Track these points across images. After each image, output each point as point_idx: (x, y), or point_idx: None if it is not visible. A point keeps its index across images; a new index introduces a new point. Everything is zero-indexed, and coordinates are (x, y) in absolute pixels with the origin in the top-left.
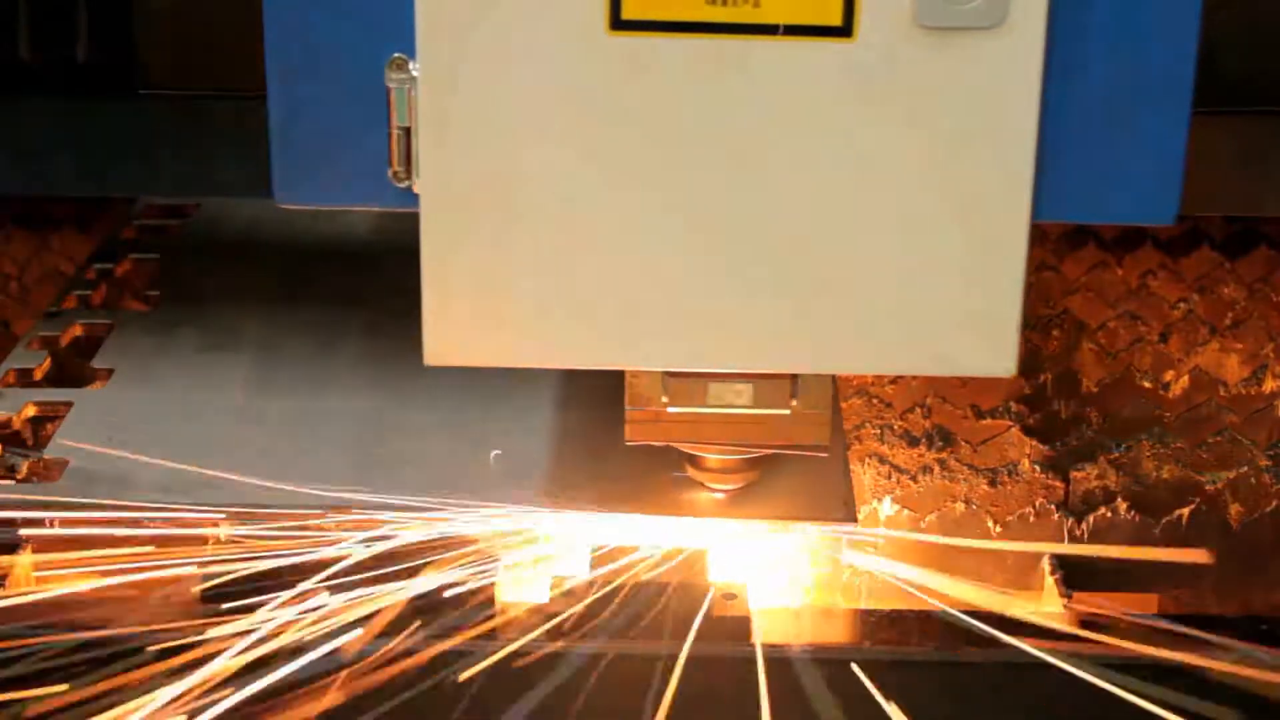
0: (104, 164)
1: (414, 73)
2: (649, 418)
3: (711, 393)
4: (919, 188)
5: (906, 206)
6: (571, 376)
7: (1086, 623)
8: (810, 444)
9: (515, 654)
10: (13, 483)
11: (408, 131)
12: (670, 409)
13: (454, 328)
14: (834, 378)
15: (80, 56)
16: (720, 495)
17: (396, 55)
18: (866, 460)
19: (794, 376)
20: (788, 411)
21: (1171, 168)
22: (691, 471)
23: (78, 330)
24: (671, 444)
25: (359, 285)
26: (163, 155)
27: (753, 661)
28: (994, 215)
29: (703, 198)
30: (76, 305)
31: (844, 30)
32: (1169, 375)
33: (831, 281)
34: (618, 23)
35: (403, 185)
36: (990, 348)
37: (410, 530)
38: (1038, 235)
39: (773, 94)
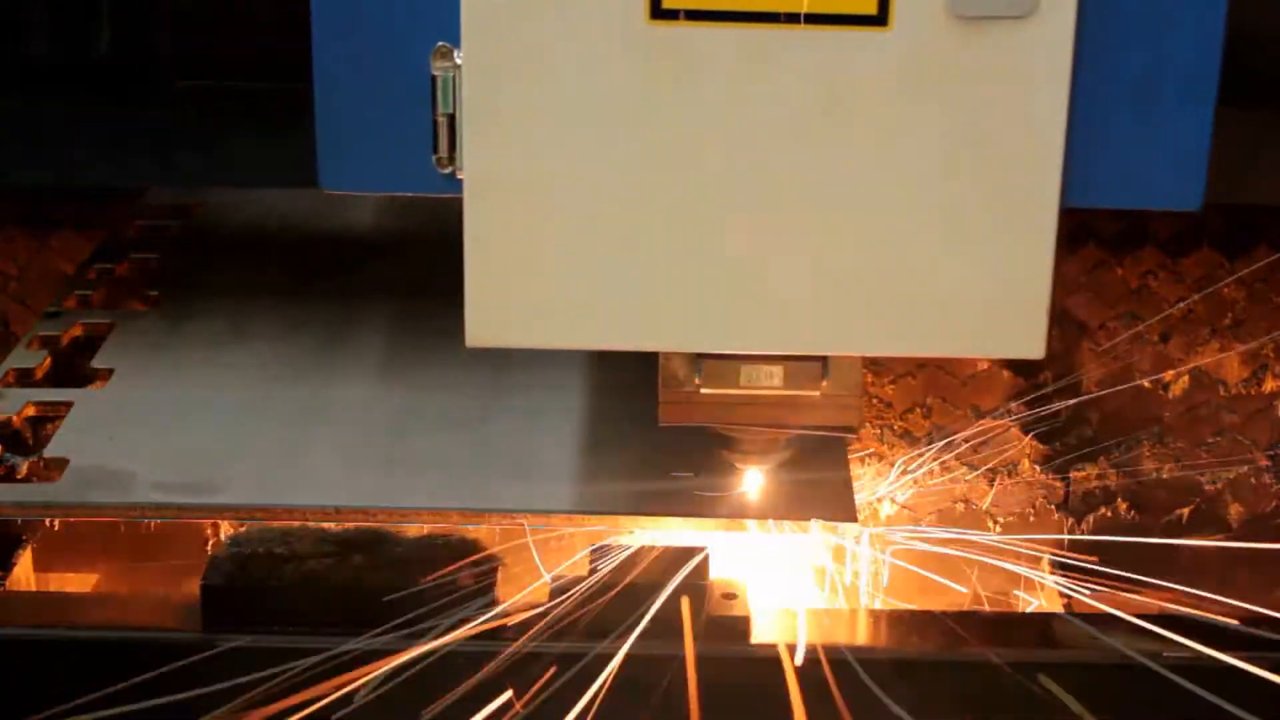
0: (123, 156)
1: (458, 61)
2: (682, 399)
3: (743, 375)
4: (952, 174)
5: (939, 192)
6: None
7: (1088, 623)
8: (840, 425)
9: (513, 654)
10: (13, 483)
11: (451, 119)
12: (703, 391)
13: (494, 310)
14: (863, 360)
15: (98, 51)
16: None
17: (441, 44)
18: (867, 460)
19: (824, 359)
20: (818, 393)
21: (1197, 155)
22: (725, 454)
23: (78, 330)
24: (704, 425)
25: (362, 283)
26: (183, 147)
27: (752, 661)
28: (1025, 201)
29: (739, 183)
30: (76, 305)
31: (879, 19)
32: (1169, 375)
33: (864, 265)
34: (658, 12)
35: (446, 171)
36: (1020, 330)
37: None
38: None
39: (809, 82)
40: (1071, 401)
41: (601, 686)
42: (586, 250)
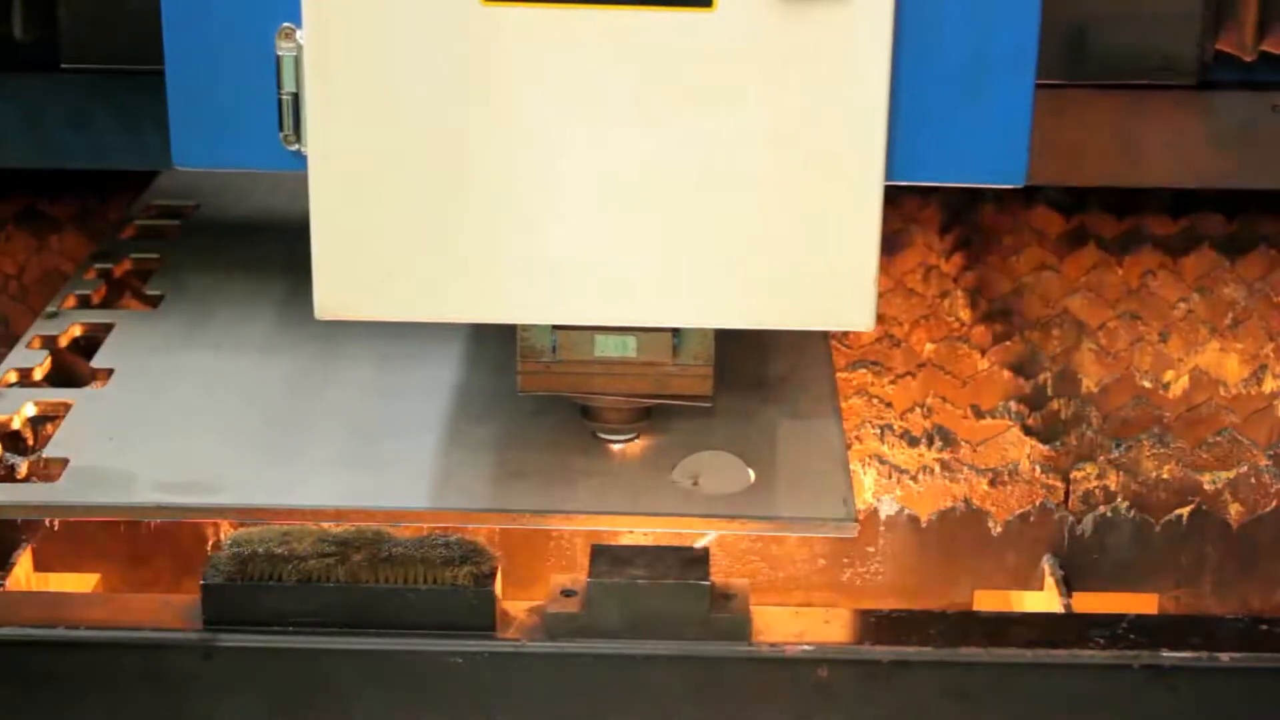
0: (30, 134)
1: (301, 41)
2: (540, 369)
3: (598, 345)
4: (781, 151)
5: (769, 169)
6: None
7: (1086, 622)
8: (694, 394)
9: (514, 654)
10: (13, 483)
11: (295, 97)
12: (559, 360)
13: (343, 283)
14: (715, 332)
15: (16, 34)
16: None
17: (285, 25)
18: (866, 460)
19: (675, 330)
20: (670, 363)
21: (1018, 131)
22: (588, 423)
23: (78, 330)
24: (561, 394)
25: None
26: (88, 127)
27: (753, 661)
28: (850, 177)
29: (580, 160)
30: (76, 305)
31: (704, 1)
32: (1169, 375)
33: (701, 240)
34: None
35: (292, 148)
36: (850, 302)
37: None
38: (1037, 234)
39: (640, 61)
40: (1072, 401)
41: (600, 686)
42: (430, 225)
